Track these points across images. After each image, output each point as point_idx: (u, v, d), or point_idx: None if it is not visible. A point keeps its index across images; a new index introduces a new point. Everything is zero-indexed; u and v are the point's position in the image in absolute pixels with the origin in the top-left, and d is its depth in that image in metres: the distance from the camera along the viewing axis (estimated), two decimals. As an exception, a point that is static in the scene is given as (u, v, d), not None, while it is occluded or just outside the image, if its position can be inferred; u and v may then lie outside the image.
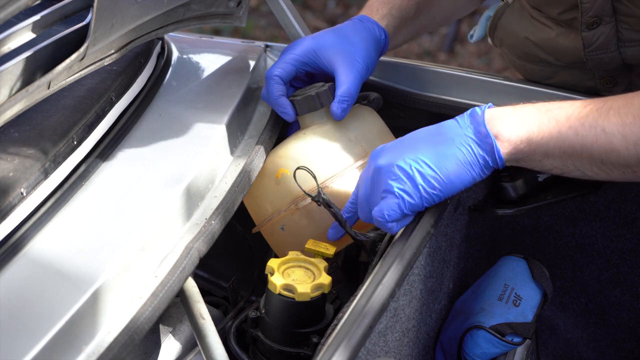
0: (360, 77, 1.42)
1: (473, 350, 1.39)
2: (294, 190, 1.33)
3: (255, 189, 1.38)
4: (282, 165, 1.36)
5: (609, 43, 1.43)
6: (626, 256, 1.61)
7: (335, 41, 1.43)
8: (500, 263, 1.53)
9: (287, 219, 1.36)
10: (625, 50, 1.43)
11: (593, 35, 1.43)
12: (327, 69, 1.43)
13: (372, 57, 1.46)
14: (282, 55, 1.45)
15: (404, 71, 1.60)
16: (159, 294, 1.08)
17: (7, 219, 1.07)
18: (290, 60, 1.43)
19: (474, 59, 4.40)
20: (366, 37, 1.46)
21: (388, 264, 1.17)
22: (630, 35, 1.41)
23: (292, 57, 1.43)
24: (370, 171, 1.22)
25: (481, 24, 1.75)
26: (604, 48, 1.44)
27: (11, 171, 1.11)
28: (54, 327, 0.97)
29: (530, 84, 1.59)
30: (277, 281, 1.20)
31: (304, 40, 1.45)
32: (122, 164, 1.25)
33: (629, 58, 1.45)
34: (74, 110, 1.25)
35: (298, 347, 1.22)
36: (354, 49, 1.43)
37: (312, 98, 1.39)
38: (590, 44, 1.44)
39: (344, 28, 1.47)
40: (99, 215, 1.15)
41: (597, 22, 1.41)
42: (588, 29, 1.42)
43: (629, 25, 1.40)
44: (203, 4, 1.43)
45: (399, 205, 1.18)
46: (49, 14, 1.16)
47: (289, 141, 1.39)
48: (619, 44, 1.43)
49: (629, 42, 1.42)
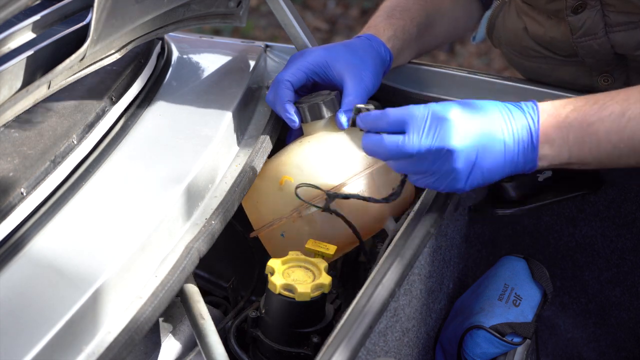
0: (366, 91, 1.42)
1: (473, 350, 1.39)
2: (297, 198, 1.33)
3: (255, 193, 1.38)
4: (286, 173, 1.36)
5: (595, 27, 1.44)
6: (626, 256, 1.62)
7: (346, 55, 1.44)
8: (500, 263, 1.53)
9: (288, 225, 1.36)
10: (614, 36, 1.44)
11: (579, 20, 1.44)
12: (335, 80, 1.43)
13: (378, 76, 1.47)
14: (292, 62, 1.45)
15: (404, 71, 1.60)
16: (159, 294, 1.08)
17: (7, 219, 1.07)
18: (303, 68, 1.43)
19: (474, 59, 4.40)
20: (374, 56, 1.47)
21: (388, 264, 1.17)
22: (616, 19, 1.42)
23: (305, 65, 1.43)
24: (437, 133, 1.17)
25: (482, 25, 1.75)
26: (591, 33, 1.45)
27: (11, 171, 1.11)
28: (54, 327, 0.97)
29: (530, 84, 1.59)
30: (277, 281, 1.20)
31: (316, 50, 1.46)
32: (122, 164, 1.25)
33: (618, 44, 1.45)
34: (74, 110, 1.25)
35: (298, 347, 1.22)
36: (363, 65, 1.44)
37: (319, 106, 1.39)
38: (577, 29, 1.45)
39: (355, 44, 1.48)
40: (99, 215, 1.15)
41: (581, 6, 1.42)
42: (573, 14, 1.44)
43: (614, 8, 1.41)
44: (203, 4, 1.43)
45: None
46: (49, 14, 1.16)
47: (292, 148, 1.39)
48: (606, 28, 1.44)
49: (616, 26, 1.43)
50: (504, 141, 1.17)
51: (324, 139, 1.38)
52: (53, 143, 1.18)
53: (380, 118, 1.21)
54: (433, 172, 1.18)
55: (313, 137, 1.39)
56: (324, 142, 1.38)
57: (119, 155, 1.26)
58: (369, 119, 1.22)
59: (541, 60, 1.58)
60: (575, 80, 1.57)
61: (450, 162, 1.16)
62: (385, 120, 1.20)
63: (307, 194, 1.31)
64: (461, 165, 1.16)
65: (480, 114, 1.18)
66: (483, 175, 1.19)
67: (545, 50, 1.55)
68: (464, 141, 1.16)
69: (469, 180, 1.19)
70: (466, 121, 1.16)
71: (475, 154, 1.16)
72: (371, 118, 1.22)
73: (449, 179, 1.18)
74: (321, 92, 1.43)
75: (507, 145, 1.18)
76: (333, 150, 1.37)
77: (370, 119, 1.22)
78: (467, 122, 1.16)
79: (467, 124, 1.16)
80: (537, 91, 1.55)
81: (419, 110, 1.17)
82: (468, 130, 1.16)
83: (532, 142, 1.18)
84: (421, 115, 1.17)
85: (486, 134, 1.17)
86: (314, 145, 1.38)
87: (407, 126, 1.17)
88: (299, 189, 1.30)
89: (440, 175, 1.18)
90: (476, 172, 1.18)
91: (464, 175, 1.18)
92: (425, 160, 1.18)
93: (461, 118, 1.16)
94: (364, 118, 1.23)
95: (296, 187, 1.30)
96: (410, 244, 1.21)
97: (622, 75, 1.52)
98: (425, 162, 1.18)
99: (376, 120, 1.21)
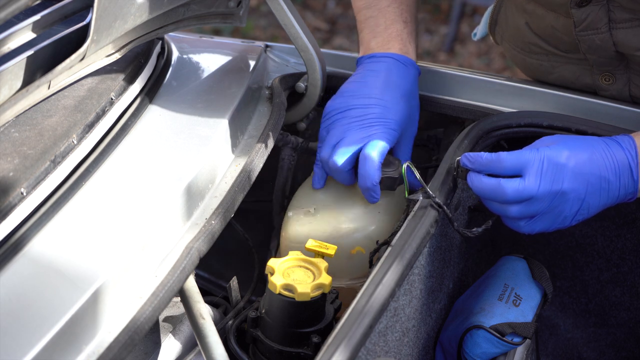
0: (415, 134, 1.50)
1: (473, 350, 1.39)
2: (364, 267, 1.35)
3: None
4: (358, 243, 1.38)
5: (599, 22, 1.44)
6: (626, 256, 1.62)
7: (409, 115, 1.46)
8: (500, 263, 1.53)
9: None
10: (617, 33, 1.44)
11: (582, 13, 1.44)
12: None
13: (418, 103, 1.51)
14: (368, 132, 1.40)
15: (404, 71, 1.60)
16: (159, 294, 1.08)
17: (7, 219, 1.07)
18: (386, 149, 1.39)
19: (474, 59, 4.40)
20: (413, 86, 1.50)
21: (388, 264, 1.17)
22: (621, 15, 1.42)
23: (387, 147, 1.39)
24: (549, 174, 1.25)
25: (484, 21, 1.75)
26: (594, 27, 1.45)
27: (11, 171, 1.11)
28: (54, 327, 0.97)
29: (530, 84, 1.59)
30: (277, 281, 1.20)
31: (393, 120, 1.42)
32: (122, 163, 1.25)
33: (620, 42, 1.45)
34: (74, 110, 1.25)
35: (298, 347, 1.22)
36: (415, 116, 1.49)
37: (394, 180, 1.38)
38: (580, 22, 1.45)
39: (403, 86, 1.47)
40: (99, 215, 1.15)
41: (587, 0, 1.43)
42: (578, 7, 1.44)
43: (619, 4, 1.41)
44: (203, 4, 1.44)
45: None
46: (49, 14, 1.17)
47: (363, 217, 1.40)
48: (610, 24, 1.44)
49: (620, 22, 1.43)
50: (608, 179, 1.26)
51: (393, 213, 1.41)
52: (53, 143, 1.18)
53: (493, 161, 1.27)
54: (544, 213, 1.26)
55: (383, 209, 1.41)
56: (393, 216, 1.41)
57: (118, 155, 1.26)
58: (482, 162, 1.28)
59: (543, 57, 1.58)
60: (576, 79, 1.57)
61: (564, 203, 1.25)
62: (500, 165, 1.26)
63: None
64: (573, 204, 1.26)
65: (588, 154, 1.26)
66: (589, 211, 1.28)
67: (547, 45, 1.56)
68: (577, 184, 1.25)
69: (576, 217, 1.28)
70: (577, 164, 1.25)
71: (584, 193, 1.26)
72: (484, 162, 1.28)
73: (559, 219, 1.27)
74: (390, 161, 1.39)
75: (611, 182, 1.26)
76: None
77: (484, 162, 1.28)
78: (578, 165, 1.25)
79: (578, 167, 1.25)
80: (537, 91, 1.55)
81: (534, 155, 1.25)
82: (579, 173, 1.25)
83: (632, 177, 1.26)
84: (538, 161, 1.25)
85: (594, 173, 1.26)
86: (385, 218, 1.40)
87: (524, 171, 1.25)
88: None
89: (550, 216, 1.27)
90: (583, 210, 1.27)
91: (572, 213, 1.27)
92: (541, 203, 1.25)
93: (573, 161, 1.25)
94: (474, 159, 1.28)
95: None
96: (410, 244, 1.21)
97: (624, 76, 1.52)
98: (540, 204, 1.25)
99: (489, 163, 1.27)
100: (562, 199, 1.25)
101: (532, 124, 1.47)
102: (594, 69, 1.53)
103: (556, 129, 1.46)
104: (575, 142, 1.28)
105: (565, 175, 1.25)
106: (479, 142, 1.46)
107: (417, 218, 1.26)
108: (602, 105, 1.51)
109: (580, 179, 1.25)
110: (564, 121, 1.46)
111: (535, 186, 1.24)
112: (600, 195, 1.27)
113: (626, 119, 1.48)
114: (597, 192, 1.26)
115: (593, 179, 1.26)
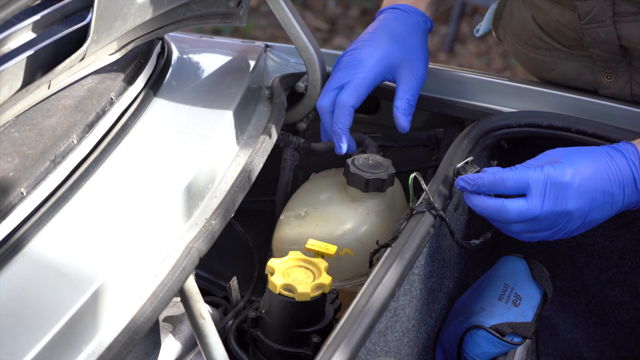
0: (420, 85, 1.46)
1: (473, 350, 1.39)
2: (352, 269, 1.37)
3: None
4: (347, 246, 1.38)
5: (603, 15, 1.44)
6: (626, 256, 1.62)
7: (399, 53, 1.45)
8: (500, 263, 1.53)
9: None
10: (621, 26, 1.44)
11: (587, 5, 1.45)
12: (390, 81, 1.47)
13: (427, 54, 1.49)
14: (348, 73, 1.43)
15: (404, 71, 1.60)
16: (159, 294, 1.08)
17: (7, 219, 1.07)
18: (365, 89, 1.42)
19: (474, 59, 4.40)
20: (420, 34, 1.48)
21: (388, 264, 1.17)
22: (626, 8, 1.43)
23: (366, 84, 1.42)
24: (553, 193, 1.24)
25: (487, 17, 1.76)
26: (599, 20, 1.45)
27: (11, 171, 1.11)
28: (54, 327, 0.97)
29: (530, 84, 1.59)
30: (277, 281, 1.20)
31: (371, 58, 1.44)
32: (122, 163, 1.25)
33: (624, 36, 1.45)
34: (74, 110, 1.25)
35: (298, 347, 1.22)
36: (415, 57, 1.46)
37: (382, 182, 1.39)
38: (585, 15, 1.46)
39: (398, 28, 1.47)
40: (99, 215, 1.15)
41: None
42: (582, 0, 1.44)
43: None
44: (203, 4, 1.44)
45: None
46: (49, 14, 1.17)
47: (352, 218, 1.40)
48: (614, 17, 1.44)
49: (624, 15, 1.43)
50: (612, 193, 1.26)
51: (380, 213, 1.41)
52: (53, 143, 1.18)
53: (497, 182, 1.26)
54: (547, 229, 1.27)
55: (371, 211, 1.41)
56: (382, 216, 1.41)
57: (118, 155, 1.26)
58: (484, 184, 1.27)
59: (546, 52, 1.59)
60: (578, 76, 1.57)
61: (567, 220, 1.26)
62: (504, 186, 1.26)
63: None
64: (576, 221, 1.26)
65: (592, 170, 1.25)
66: (591, 224, 1.28)
67: (551, 40, 1.56)
68: (581, 202, 1.25)
69: (577, 230, 1.28)
70: (582, 182, 1.24)
71: (588, 209, 1.26)
72: (486, 183, 1.27)
73: (561, 233, 1.28)
74: (376, 158, 1.42)
75: (615, 195, 1.26)
76: (388, 223, 1.41)
77: (486, 184, 1.27)
78: (582, 183, 1.24)
79: (583, 185, 1.24)
80: (537, 91, 1.55)
81: (538, 175, 1.25)
82: (583, 192, 1.25)
83: (636, 187, 1.26)
84: (542, 181, 1.24)
85: (599, 189, 1.25)
86: (374, 221, 1.40)
87: (528, 191, 1.24)
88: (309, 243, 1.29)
89: (553, 231, 1.27)
90: (586, 224, 1.28)
91: (575, 228, 1.28)
92: (544, 221, 1.26)
93: (578, 180, 1.24)
94: (475, 181, 1.27)
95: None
96: (410, 244, 1.21)
97: (626, 74, 1.52)
98: (544, 222, 1.26)
99: (492, 185, 1.26)
100: (566, 217, 1.25)
101: (532, 124, 1.47)
102: (597, 65, 1.53)
103: (556, 129, 1.46)
104: (579, 157, 1.27)
105: (569, 195, 1.24)
106: (479, 142, 1.46)
107: (417, 219, 1.27)
108: (602, 105, 1.51)
109: (584, 197, 1.25)
110: (564, 121, 1.46)
111: (539, 207, 1.24)
112: (604, 209, 1.27)
113: (626, 118, 1.48)
114: (601, 207, 1.26)
115: (597, 195, 1.25)
